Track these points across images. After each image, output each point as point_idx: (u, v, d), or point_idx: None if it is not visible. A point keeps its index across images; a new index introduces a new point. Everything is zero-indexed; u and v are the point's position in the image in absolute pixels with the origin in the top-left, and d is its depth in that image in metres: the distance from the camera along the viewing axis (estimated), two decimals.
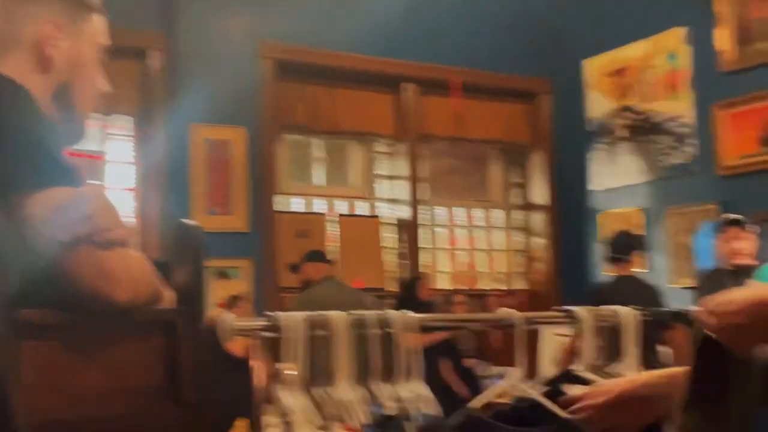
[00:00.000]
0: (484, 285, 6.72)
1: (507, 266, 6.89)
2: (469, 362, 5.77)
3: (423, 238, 6.49)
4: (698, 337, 1.31)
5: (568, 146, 6.74)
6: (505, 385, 1.79)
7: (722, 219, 4.73)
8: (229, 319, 1.38)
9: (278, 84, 5.89)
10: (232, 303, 4.94)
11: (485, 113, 6.66)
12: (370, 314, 1.51)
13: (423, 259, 6.43)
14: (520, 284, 6.90)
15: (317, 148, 6.42)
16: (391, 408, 1.48)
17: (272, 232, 5.77)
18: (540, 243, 6.87)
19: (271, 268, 5.70)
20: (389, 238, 6.42)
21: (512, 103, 6.79)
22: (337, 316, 1.48)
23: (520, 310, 6.31)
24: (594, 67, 6.64)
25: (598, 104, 6.60)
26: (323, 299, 4.67)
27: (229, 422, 1.56)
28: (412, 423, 1.48)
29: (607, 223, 6.43)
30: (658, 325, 2.02)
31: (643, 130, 6.28)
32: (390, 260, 6.39)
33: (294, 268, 5.39)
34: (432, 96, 6.47)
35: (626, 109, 6.41)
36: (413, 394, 1.52)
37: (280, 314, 1.44)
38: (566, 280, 6.61)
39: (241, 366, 4.71)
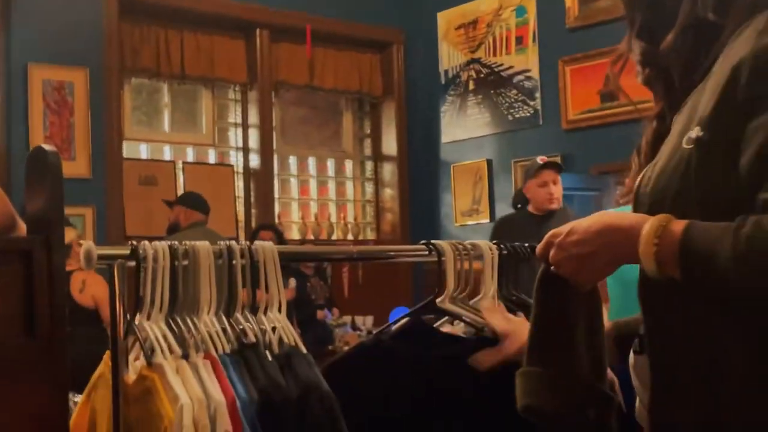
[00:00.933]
0: (334, 235, 6.77)
1: (357, 217, 6.96)
2: (320, 314, 5.83)
3: (275, 188, 6.46)
4: (540, 272, 1.31)
5: (420, 98, 6.85)
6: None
7: (539, 162, 4.79)
8: (91, 246, 1.34)
9: (123, 24, 5.68)
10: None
11: (339, 62, 6.66)
12: (234, 244, 1.50)
13: (274, 209, 6.41)
14: (370, 235, 7.00)
15: (165, 93, 6.25)
16: (251, 338, 1.49)
17: (117, 179, 5.60)
18: (390, 194, 6.97)
19: (116, 217, 5.54)
20: (240, 187, 6.35)
21: (366, 53, 6.82)
22: (201, 246, 1.46)
23: (368, 268, 6.37)
24: (447, 19, 6.75)
25: (450, 56, 6.73)
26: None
27: (88, 356, 1.52)
28: (271, 351, 1.49)
29: (457, 175, 6.60)
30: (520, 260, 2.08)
31: (492, 84, 6.46)
32: (241, 210, 6.34)
33: (168, 203, 5.30)
34: (285, 43, 6.40)
35: (476, 62, 6.57)
36: (275, 324, 1.54)
37: (145, 243, 1.41)
38: (415, 231, 6.75)
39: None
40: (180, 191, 5.95)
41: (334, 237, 6.74)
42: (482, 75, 6.53)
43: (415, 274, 6.38)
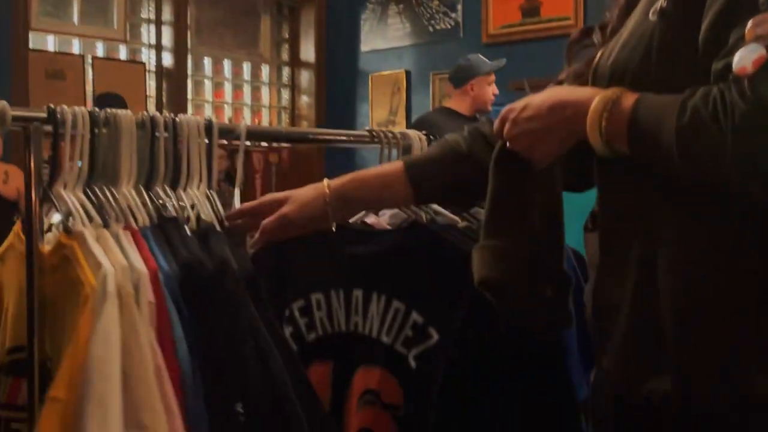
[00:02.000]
0: (248, 141, 6.65)
1: (272, 123, 6.88)
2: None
3: (188, 89, 6.31)
4: (497, 148, 1.28)
5: (341, 4, 6.73)
6: None
7: (488, 61, 4.76)
8: (5, 106, 1.29)
9: None
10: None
11: None
12: (157, 115, 1.46)
13: (187, 111, 6.26)
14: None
15: None
16: (171, 212, 1.47)
17: (22, 72, 5.37)
18: (307, 102, 6.89)
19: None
20: (152, 87, 6.18)
21: None
22: (122, 114, 1.42)
23: (282, 167, 6.37)
24: None
25: None
26: None
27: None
28: (191, 226, 1.47)
29: (375, 85, 6.56)
30: None
31: None
32: (153, 111, 6.16)
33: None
34: None
35: None
36: (197, 199, 1.52)
37: (63, 107, 1.36)
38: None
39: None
40: (89, 87, 5.75)
41: (247, 143, 6.62)
42: None
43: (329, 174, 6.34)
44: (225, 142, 1.65)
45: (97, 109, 1.39)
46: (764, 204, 1.02)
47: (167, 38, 6.18)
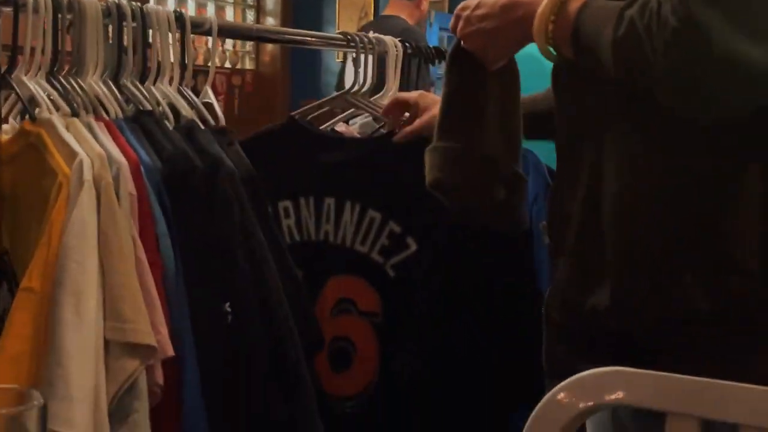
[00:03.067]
0: (210, 63, 6.54)
1: (236, 45, 6.77)
2: None
3: None
4: (452, 47, 1.28)
5: None
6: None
7: None
8: None
9: None
10: None
11: None
12: (124, 3, 1.42)
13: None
14: (248, 65, 6.84)
15: None
16: (146, 105, 1.44)
17: None
18: (272, 23, 6.77)
19: None
20: None
21: None
22: (88, 0, 1.38)
23: (245, 90, 6.26)
24: None
25: None
26: None
27: None
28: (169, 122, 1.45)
29: (342, 8, 6.48)
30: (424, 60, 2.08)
31: None
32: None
33: None
34: None
35: None
36: (171, 95, 1.49)
37: None
38: (296, 63, 6.63)
39: None
40: None
41: (209, 64, 6.51)
42: None
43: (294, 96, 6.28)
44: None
45: None
46: (689, 116, 1.02)
47: None
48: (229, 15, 6.81)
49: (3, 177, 1.30)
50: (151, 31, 1.47)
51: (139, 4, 1.45)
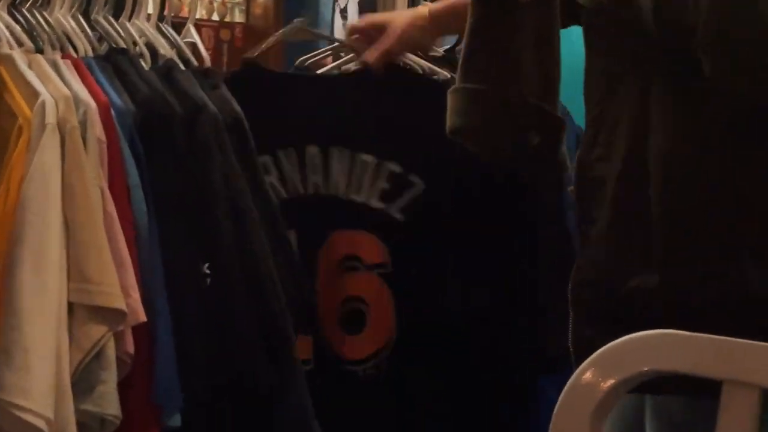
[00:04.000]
0: (197, 15, 6.44)
1: None
2: None
3: None
4: None
5: None
6: None
7: None
8: None
9: None
10: None
11: None
12: None
13: None
14: (238, 17, 6.70)
15: None
16: (120, 43, 1.34)
17: None
18: None
19: None
20: None
21: None
22: None
23: (234, 45, 6.15)
24: None
25: None
26: None
27: None
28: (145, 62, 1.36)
29: None
30: None
31: None
32: None
33: None
34: None
35: None
36: (149, 33, 1.39)
37: None
38: (290, 15, 6.50)
39: None
40: None
41: (197, 17, 6.41)
42: None
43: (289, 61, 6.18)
44: None
45: None
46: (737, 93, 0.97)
47: None
48: None
49: None
50: None
51: None
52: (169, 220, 1.25)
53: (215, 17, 6.47)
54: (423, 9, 1.57)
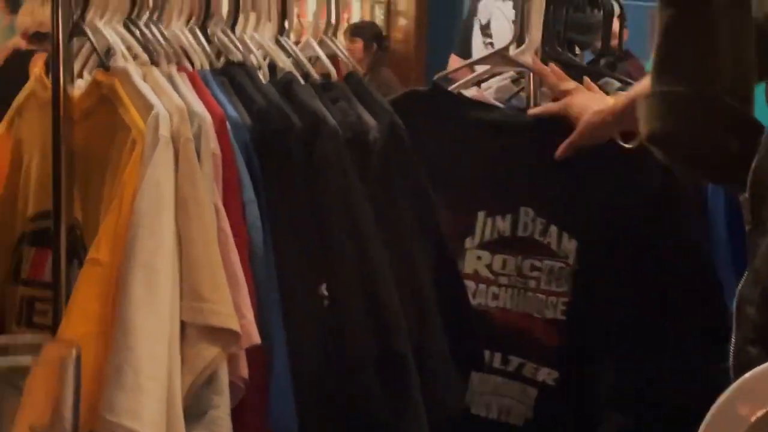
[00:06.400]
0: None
1: (364, 19, 6.80)
2: None
3: None
4: None
5: None
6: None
7: None
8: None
9: None
10: (39, 38, 4.30)
11: None
12: None
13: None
14: None
15: None
16: (238, 56, 1.40)
17: None
18: (403, 23, 6.79)
19: None
20: None
21: None
22: None
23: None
24: None
25: None
26: None
27: None
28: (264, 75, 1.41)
29: None
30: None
31: None
32: None
33: None
34: None
35: None
36: (268, 46, 1.45)
37: None
38: (434, 40, 6.58)
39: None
40: None
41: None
42: None
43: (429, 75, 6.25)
44: None
45: None
46: None
47: None
48: (356, 9, 6.84)
49: (76, 137, 1.29)
50: None
51: None
52: (286, 238, 1.28)
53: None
54: (607, 101, 1.62)
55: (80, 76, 1.35)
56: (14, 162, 1.37)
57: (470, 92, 1.84)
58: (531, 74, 1.78)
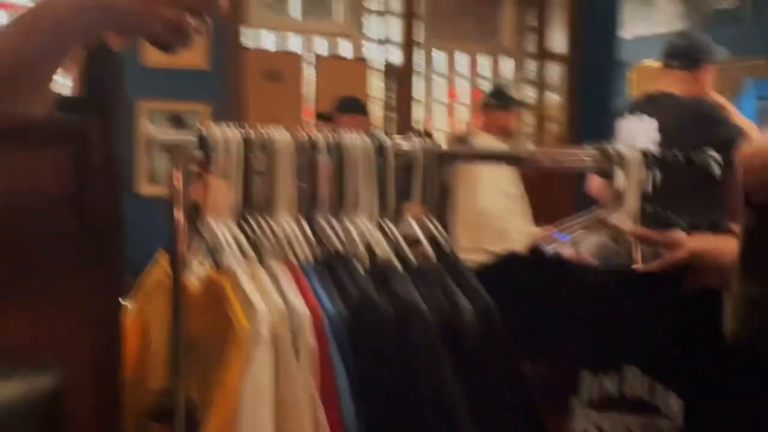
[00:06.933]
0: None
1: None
2: None
3: (416, 87, 6.45)
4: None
5: None
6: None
7: None
8: (155, 130, 1.38)
9: None
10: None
11: None
12: (319, 136, 1.51)
13: (416, 113, 6.41)
14: (528, 147, 6.91)
15: None
16: (339, 246, 1.51)
17: (237, 72, 5.72)
18: (556, 100, 6.84)
19: (234, 114, 5.68)
20: (378, 86, 6.38)
21: None
22: (280, 136, 1.48)
23: (527, 177, 6.28)
24: None
25: None
26: None
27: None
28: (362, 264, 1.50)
29: (639, 79, 6.40)
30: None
31: None
32: (375, 113, 6.37)
33: (325, 118, 5.43)
34: None
35: None
36: (368, 232, 1.55)
37: (215, 129, 1.44)
38: (584, 145, 6.61)
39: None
40: (309, 88, 6.03)
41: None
42: None
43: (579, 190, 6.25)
44: None
45: (252, 132, 1.45)
46: None
47: (395, 31, 6.35)
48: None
49: (193, 325, 1.42)
50: (347, 163, 1.54)
51: (335, 135, 1.53)
52: (380, 428, 1.37)
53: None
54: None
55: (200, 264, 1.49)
56: (143, 340, 1.52)
57: (568, 251, 1.89)
58: None
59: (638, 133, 3.99)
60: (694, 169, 1.97)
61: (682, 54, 4.14)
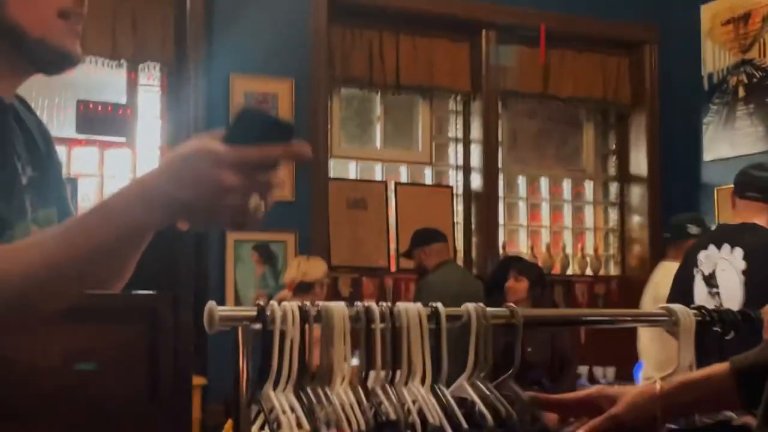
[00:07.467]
0: (570, 270, 6.73)
1: (598, 248, 6.89)
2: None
3: (500, 213, 6.53)
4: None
5: (677, 107, 6.68)
6: None
7: None
8: (213, 306, 1.47)
9: (332, 28, 5.97)
10: (304, 288, 4.72)
11: (578, 67, 6.63)
12: (373, 306, 1.59)
13: (499, 237, 6.48)
14: (613, 270, 6.90)
15: (377, 104, 6.49)
16: (391, 414, 1.57)
17: (322, 202, 5.89)
18: (638, 222, 6.84)
19: (321, 243, 5.82)
20: (460, 212, 6.48)
21: (611, 55, 6.75)
22: (335, 307, 1.56)
23: (610, 299, 6.28)
24: (712, 13, 6.54)
25: (716, 57, 6.52)
26: (442, 288, 4.94)
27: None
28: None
29: (722, 201, 6.37)
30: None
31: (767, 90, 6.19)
32: (460, 239, 6.46)
33: (407, 254, 5.63)
34: (515, 45, 6.47)
35: (748, 63, 6.32)
36: (420, 398, 1.61)
37: (273, 304, 1.53)
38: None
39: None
40: (392, 215, 6.16)
41: (569, 272, 6.70)
42: (755, 79, 6.27)
43: None
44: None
45: (308, 304, 1.54)
46: None
47: (476, 157, 6.48)
48: (588, 215, 6.98)
49: None
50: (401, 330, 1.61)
51: (389, 305, 1.61)
52: None
53: (588, 272, 6.72)
54: (653, 386, 1.56)
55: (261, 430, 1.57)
56: None
57: None
58: None
59: (722, 264, 4.00)
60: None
61: (764, 187, 4.16)
